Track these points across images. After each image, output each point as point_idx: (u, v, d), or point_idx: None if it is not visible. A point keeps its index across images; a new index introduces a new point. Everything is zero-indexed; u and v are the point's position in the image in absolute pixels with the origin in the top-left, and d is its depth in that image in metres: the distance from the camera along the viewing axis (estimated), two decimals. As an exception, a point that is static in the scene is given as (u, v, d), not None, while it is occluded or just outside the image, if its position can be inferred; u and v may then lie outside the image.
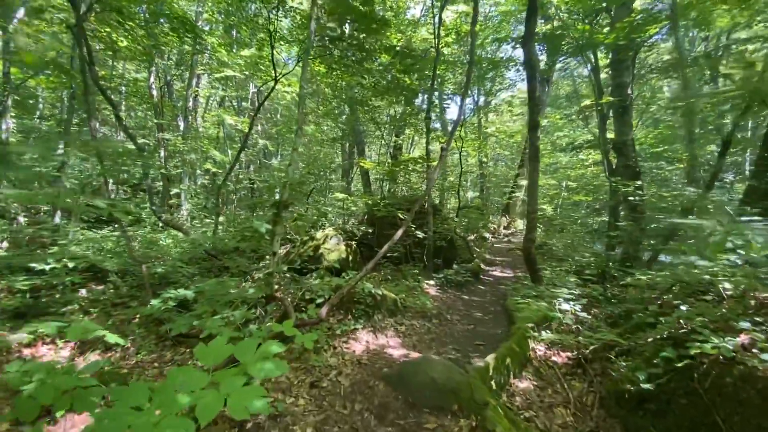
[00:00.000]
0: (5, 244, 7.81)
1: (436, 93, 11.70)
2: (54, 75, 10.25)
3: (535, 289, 6.08)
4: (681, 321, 3.29)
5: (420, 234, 7.35)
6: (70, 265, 5.77)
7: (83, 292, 6.34)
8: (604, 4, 9.10)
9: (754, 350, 2.63)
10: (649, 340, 3.45)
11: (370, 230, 9.78)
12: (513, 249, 13.23)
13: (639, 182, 9.38)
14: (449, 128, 15.81)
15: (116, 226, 9.40)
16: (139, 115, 18.34)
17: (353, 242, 9.17)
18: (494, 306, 6.25)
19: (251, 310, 4.29)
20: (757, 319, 2.93)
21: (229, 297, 4.21)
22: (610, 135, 12.14)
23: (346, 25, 8.32)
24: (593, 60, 13.01)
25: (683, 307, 3.51)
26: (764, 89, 6.04)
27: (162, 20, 9.62)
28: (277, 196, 7.64)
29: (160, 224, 10.26)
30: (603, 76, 12.92)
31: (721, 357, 2.68)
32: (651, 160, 16.87)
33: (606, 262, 7.61)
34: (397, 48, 8.14)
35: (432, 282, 7.09)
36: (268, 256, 5.55)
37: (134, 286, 6.31)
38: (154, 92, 14.76)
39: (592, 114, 24.08)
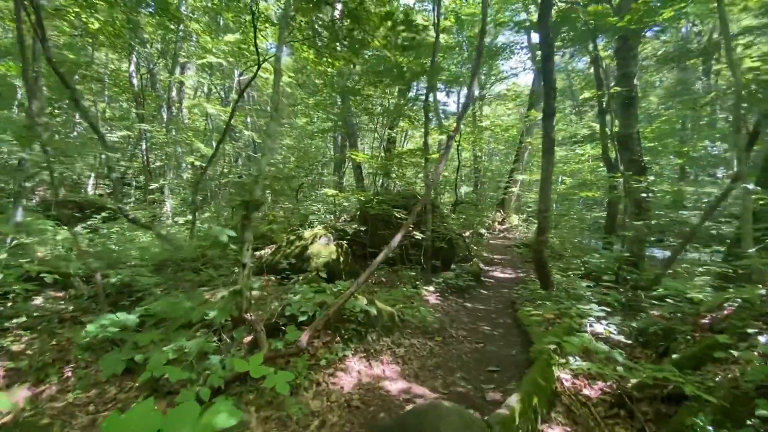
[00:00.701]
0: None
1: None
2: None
3: (549, 298, 5.24)
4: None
5: (418, 235, 6.46)
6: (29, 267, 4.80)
7: (39, 300, 5.37)
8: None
9: None
10: (721, 380, 2.62)
11: (363, 228, 8.88)
12: (511, 246, 12.44)
13: (648, 177, 8.63)
14: (444, 122, 14.89)
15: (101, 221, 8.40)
16: (123, 105, 17.11)
17: (344, 242, 8.26)
18: (502, 316, 5.39)
19: (215, 336, 3.36)
20: None
21: (187, 318, 3.28)
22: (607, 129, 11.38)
23: (337, 5, 7.33)
24: (594, 50, 12.16)
25: (763, 338, 2.68)
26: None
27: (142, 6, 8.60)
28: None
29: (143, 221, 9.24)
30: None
31: None
32: (648, 155, 16.07)
33: (619, 263, 6.80)
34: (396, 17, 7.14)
35: (431, 288, 6.22)
36: (237, 269, 4.61)
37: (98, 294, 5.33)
38: (135, 81, 13.60)
39: (587, 108, 23.32)
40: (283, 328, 3.77)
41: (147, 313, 3.31)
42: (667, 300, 4.94)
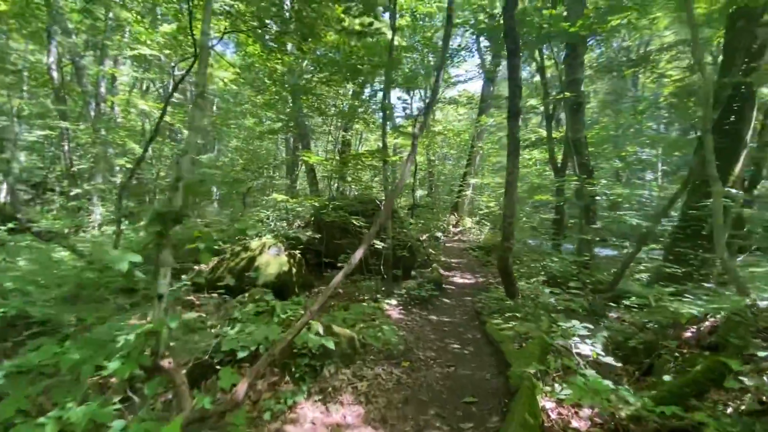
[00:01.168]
0: None
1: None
2: None
3: (517, 309, 4.83)
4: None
5: (378, 244, 5.83)
6: None
7: None
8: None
9: None
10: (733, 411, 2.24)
11: (318, 236, 8.10)
12: (467, 249, 12.21)
13: (601, 180, 8.71)
14: (403, 122, 14.44)
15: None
16: (46, 102, 14.92)
17: (297, 251, 7.44)
18: (469, 330, 4.90)
19: (120, 393, 2.50)
20: None
21: (84, 371, 2.39)
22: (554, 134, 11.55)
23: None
24: (539, 59, 12.30)
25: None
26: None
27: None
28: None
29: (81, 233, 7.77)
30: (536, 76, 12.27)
31: None
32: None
33: (578, 268, 6.63)
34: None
35: (393, 302, 5.61)
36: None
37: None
38: (55, 74, 11.79)
39: (530, 115, 24.03)
40: (215, 372, 2.97)
41: (19, 367, 2.37)
42: (633, 308, 4.72)
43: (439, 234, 14.23)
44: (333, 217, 6.29)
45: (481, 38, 17.60)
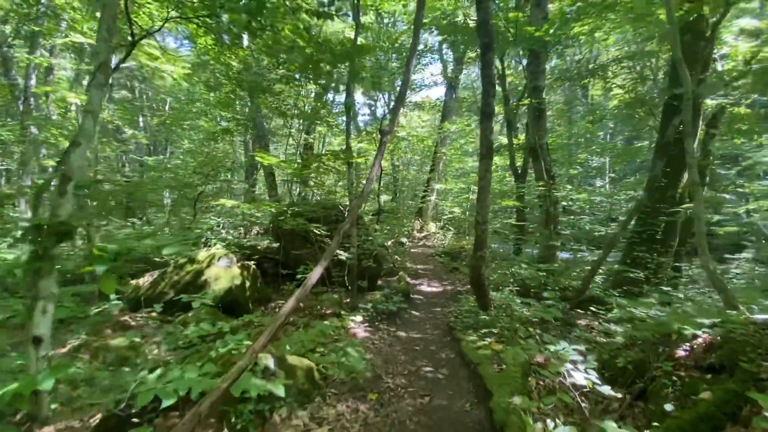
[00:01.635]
0: None
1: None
2: None
3: (492, 324, 4.39)
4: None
5: (342, 254, 5.19)
6: None
7: None
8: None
9: None
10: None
11: (276, 244, 7.34)
12: (432, 255, 11.83)
13: (566, 186, 8.62)
14: (368, 127, 13.90)
15: None
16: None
17: (252, 262, 6.65)
18: (442, 348, 4.38)
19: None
20: None
21: None
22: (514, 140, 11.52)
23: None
24: (501, 67, 12.25)
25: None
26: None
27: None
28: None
29: None
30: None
31: None
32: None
33: (548, 274, 6.36)
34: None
35: (359, 318, 4.99)
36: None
37: None
38: (-29, 63, 10.18)
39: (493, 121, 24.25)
40: (136, 420, 2.24)
41: None
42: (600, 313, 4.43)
43: (404, 239, 13.80)
44: (291, 224, 5.60)
45: (444, 46, 17.59)
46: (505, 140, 11.60)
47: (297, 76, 7.58)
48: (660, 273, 7.46)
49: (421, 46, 14.03)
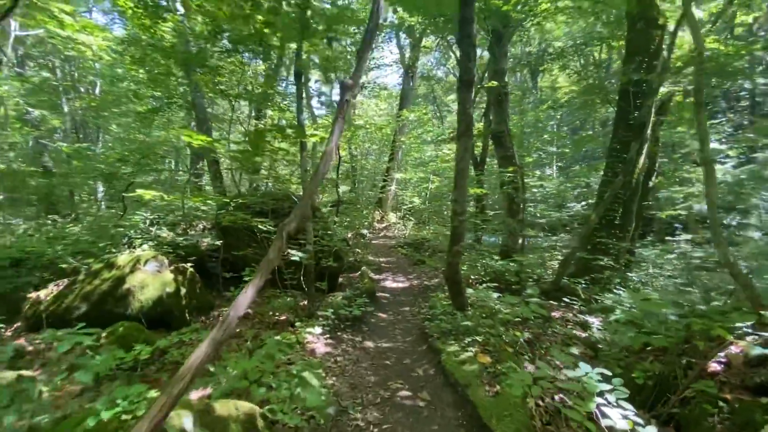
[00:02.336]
0: None
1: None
2: None
3: (475, 330, 3.68)
4: None
5: (295, 255, 4.21)
6: None
7: None
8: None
9: None
10: None
11: (219, 242, 6.18)
12: (394, 246, 11.11)
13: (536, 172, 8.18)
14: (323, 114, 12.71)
15: None
16: None
17: (189, 264, 5.47)
18: (418, 361, 3.61)
19: None
20: None
21: None
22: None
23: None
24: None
25: None
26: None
27: None
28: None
29: None
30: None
31: None
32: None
33: (519, 267, 5.81)
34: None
35: (318, 329, 4.07)
36: None
37: None
38: None
39: (446, 111, 23.92)
40: None
41: None
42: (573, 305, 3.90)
43: (365, 231, 12.95)
44: (228, 220, 4.53)
45: (401, 33, 16.70)
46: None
47: (241, 49, 6.38)
48: (621, 258, 7.26)
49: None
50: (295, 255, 4.11)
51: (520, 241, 8.70)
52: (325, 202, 16.93)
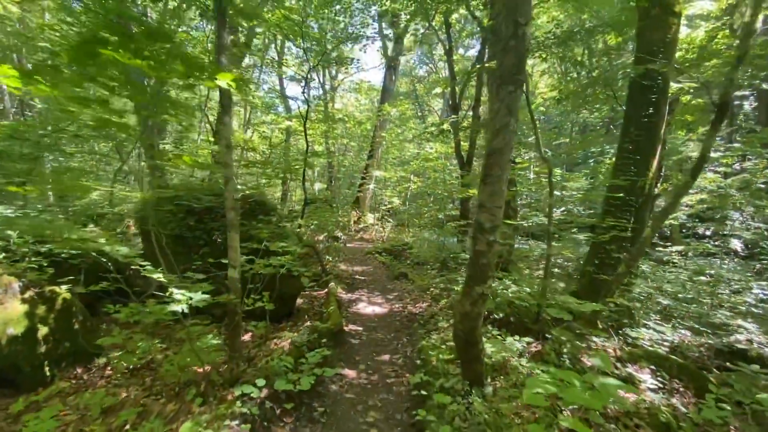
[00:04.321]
0: None
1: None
2: None
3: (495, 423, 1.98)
4: None
5: (195, 296, 2.35)
6: None
7: None
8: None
9: None
10: None
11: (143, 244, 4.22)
12: (371, 252, 9.31)
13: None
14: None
15: None
16: None
17: (64, 288, 3.49)
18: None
19: None
20: None
21: None
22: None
23: None
24: (447, 42, 10.09)
25: None
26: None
27: None
28: None
29: None
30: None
31: None
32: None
33: (539, 297, 4.17)
34: None
35: (235, 421, 2.20)
36: None
37: None
38: None
39: (428, 110, 22.28)
40: None
41: None
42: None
43: (339, 234, 11.10)
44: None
45: (384, 25, 14.90)
46: (447, 125, 9.37)
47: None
48: (632, 275, 5.78)
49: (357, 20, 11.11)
50: (190, 296, 2.22)
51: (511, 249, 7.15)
52: (297, 200, 14.90)
